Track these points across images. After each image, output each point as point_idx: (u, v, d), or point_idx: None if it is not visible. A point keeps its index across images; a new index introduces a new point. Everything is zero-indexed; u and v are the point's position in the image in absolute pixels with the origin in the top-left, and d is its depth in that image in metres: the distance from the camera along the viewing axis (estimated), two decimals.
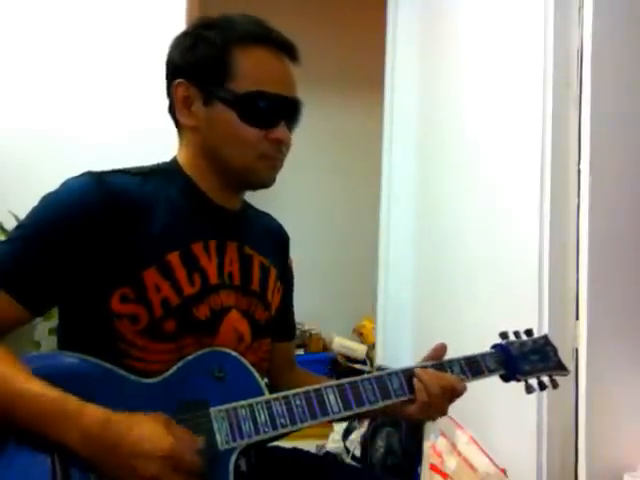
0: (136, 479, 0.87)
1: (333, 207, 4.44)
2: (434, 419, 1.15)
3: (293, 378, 1.26)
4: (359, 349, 4.05)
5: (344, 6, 4.25)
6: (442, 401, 1.11)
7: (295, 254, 1.39)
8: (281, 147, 1.11)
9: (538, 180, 1.78)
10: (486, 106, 2.21)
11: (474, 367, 1.17)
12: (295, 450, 1.28)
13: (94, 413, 0.89)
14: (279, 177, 1.15)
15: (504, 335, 1.24)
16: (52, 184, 1.06)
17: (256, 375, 1.04)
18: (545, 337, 1.28)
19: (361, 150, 4.17)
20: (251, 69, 1.07)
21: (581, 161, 1.68)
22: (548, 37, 1.76)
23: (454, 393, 1.12)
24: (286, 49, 1.11)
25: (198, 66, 1.08)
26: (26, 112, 2.65)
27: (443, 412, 1.13)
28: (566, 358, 1.64)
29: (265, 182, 1.13)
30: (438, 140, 2.71)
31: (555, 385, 1.24)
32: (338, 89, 4.33)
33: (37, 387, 0.90)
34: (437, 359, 1.16)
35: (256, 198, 1.23)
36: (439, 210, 2.65)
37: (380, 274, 3.20)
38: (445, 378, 1.12)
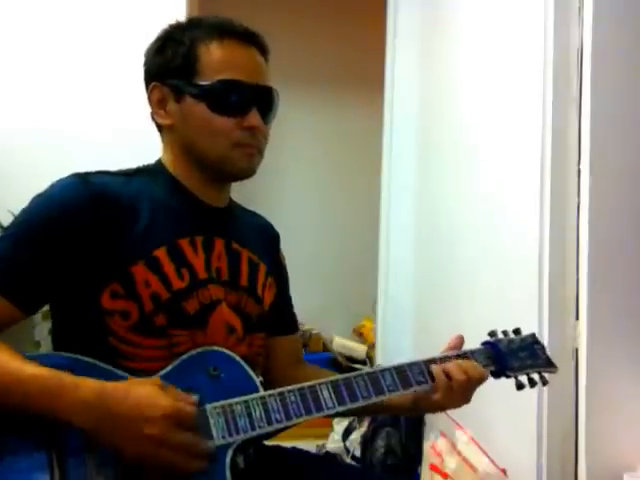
0: (140, 442, 0.88)
1: (333, 207, 4.44)
2: (459, 407, 1.15)
3: (301, 374, 1.25)
4: (359, 349, 4.05)
5: (344, 6, 4.25)
6: (465, 384, 1.12)
7: (295, 254, 1.39)
8: (255, 134, 1.12)
9: (538, 180, 1.78)
10: (486, 106, 2.21)
11: None
12: (295, 450, 1.29)
13: (89, 384, 0.91)
14: (279, 176, 1.15)
15: (492, 333, 1.25)
16: None
17: (251, 372, 1.05)
18: (533, 335, 1.29)
19: (361, 150, 4.17)
20: (216, 60, 1.10)
21: (581, 161, 1.68)
22: (548, 37, 1.76)
23: (475, 373, 1.13)
24: (252, 40, 1.13)
25: (167, 66, 1.12)
26: (26, 112, 2.65)
27: (467, 399, 1.14)
28: (566, 358, 1.65)
29: (243, 171, 1.14)
30: (438, 140, 2.71)
31: (545, 382, 1.25)
32: (338, 89, 4.33)
33: (32, 368, 0.93)
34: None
35: (257, 198, 1.23)
36: (439, 210, 2.65)
37: (380, 274, 3.20)
38: (464, 363, 1.13)
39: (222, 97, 1.09)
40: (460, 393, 1.12)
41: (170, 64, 1.11)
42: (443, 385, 1.11)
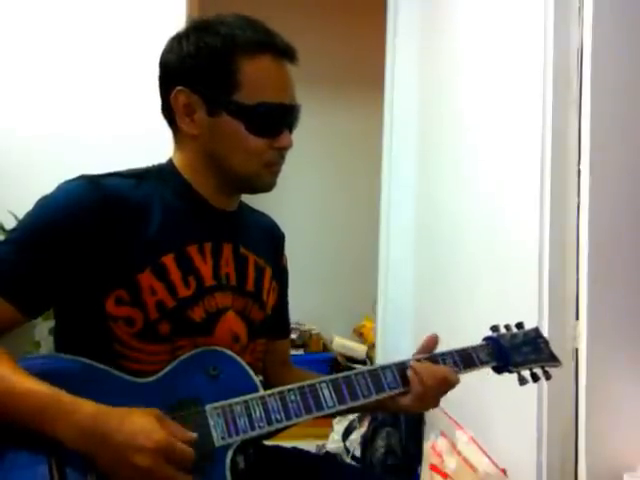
0: (130, 472, 0.87)
1: (333, 207, 4.44)
2: (427, 410, 1.16)
3: (288, 376, 1.26)
4: (359, 349, 4.06)
5: (344, 6, 4.25)
6: (436, 392, 1.12)
7: (296, 254, 1.39)
8: (283, 153, 1.12)
9: (538, 180, 1.78)
10: (486, 106, 2.21)
11: (466, 359, 1.18)
12: (295, 450, 1.29)
13: (87, 407, 0.90)
14: (280, 177, 1.15)
15: (495, 328, 1.25)
16: (52, 184, 1.06)
17: (251, 372, 1.05)
18: (536, 329, 1.29)
19: (361, 150, 4.18)
20: (256, 79, 1.06)
21: (581, 161, 1.68)
22: (548, 37, 1.76)
23: (448, 384, 1.13)
24: (287, 54, 1.10)
25: (201, 75, 1.07)
26: (26, 113, 2.65)
27: (436, 403, 1.14)
28: (566, 358, 1.64)
29: (268, 186, 1.14)
30: (438, 140, 2.71)
31: (548, 377, 1.25)
32: (338, 89, 4.33)
33: (31, 384, 0.91)
34: (429, 351, 1.17)
35: (257, 199, 1.23)
36: (439, 210, 2.65)
37: (380, 275, 3.20)
38: (439, 370, 1.13)
39: (262, 119, 1.07)
40: (431, 398, 1.12)
41: (206, 73, 1.06)
42: (417, 391, 1.10)
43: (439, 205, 2.65)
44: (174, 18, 2.65)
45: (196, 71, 1.07)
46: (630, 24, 1.68)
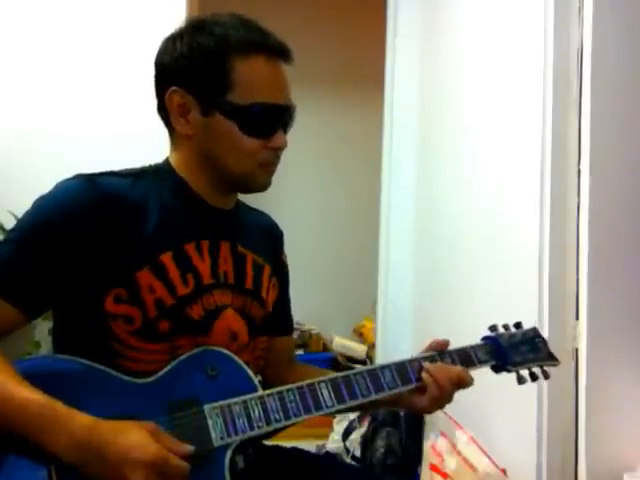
0: None
1: (333, 207, 4.44)
2: (442, 408, 1.16)
3: (293, 373, 1.26)
4: (359, 349, 4.06)
5: (344, 5, 4.25)
6: (450, 392, 1.13)
7: (296, 254, 1.39)
8: (278, 153, 1.12)
9: (538, 180, 1.78)
10: (486, 106, 2.21)
11: (465, 358, 1.18)
12: (295, 450, 1.28)
13: (81, 419, 0.89)
14: (279, 177, 1.16)
15: (493, 328, 1.26)
16: (52, 184, 1.06)
17: (249, 372, 1.05)
18: (534, 329, 1.29)
19: (361, 150, 4.18)
20: (250, 79, 1.07)
21: (581, 161, 1.68)
22: (548, 37, 1.77)
23: (461, 384, 1.13)
24: (282, 54, 1.10)
25: (195, 75, 1.07)
26: (26, 113, 2.65)
27: (450, 401, 1.15)
28: (566, 358, 1.65)
29: (262, 187, 1.14)
30: (438, 140, 2.71)
31: (547, 376, 1.25)
32: (338, 88, 4.33)
33: (26, 392, 0.90)
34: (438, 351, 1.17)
35: (257, 200, 1.23)
36: (439, 210, 2.65)
37: (380, 275, 3.20)
38: (453, 370, 1.13)
39: (255, 120, 1.07)
40: (446, 397, 1.13)
41: (199, 74, 1.07)
42: (433, 394, 1.11)
43: (439, 205, 2.65)
44: (174, 18, 2.63)
45: (190, 71, 1.08)
46: (630, 24, 1.68)
